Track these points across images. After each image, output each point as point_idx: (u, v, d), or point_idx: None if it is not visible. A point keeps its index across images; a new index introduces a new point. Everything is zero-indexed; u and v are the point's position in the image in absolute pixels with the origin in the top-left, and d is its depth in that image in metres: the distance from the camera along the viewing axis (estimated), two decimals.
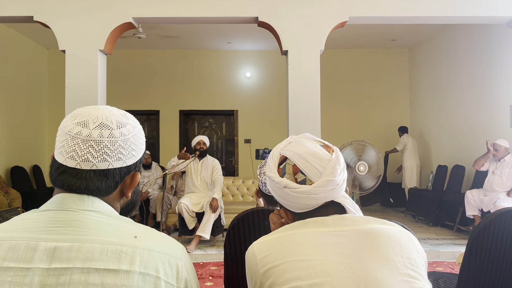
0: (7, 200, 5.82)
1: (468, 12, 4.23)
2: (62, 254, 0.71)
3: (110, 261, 0.72)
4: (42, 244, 0.72)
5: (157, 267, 0.75)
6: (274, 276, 0.84)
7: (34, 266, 0.70)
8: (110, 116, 0.84)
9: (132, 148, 0.84)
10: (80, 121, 0.81)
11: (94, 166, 0.80)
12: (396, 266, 0.84)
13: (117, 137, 0.82)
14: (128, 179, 0.87)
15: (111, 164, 0.81)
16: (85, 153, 0.79)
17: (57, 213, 0.77)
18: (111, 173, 0.82)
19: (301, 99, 4.26)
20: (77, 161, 0.79)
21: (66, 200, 0.79)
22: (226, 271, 1.82)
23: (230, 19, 4.30)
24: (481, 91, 5.99)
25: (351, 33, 7.14)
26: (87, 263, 0.71)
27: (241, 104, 8.40)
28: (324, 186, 0.93)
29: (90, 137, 0.80)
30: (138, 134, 0.87)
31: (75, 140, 0.80)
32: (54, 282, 0.69)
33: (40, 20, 4.15)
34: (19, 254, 0.71)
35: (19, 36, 7.17)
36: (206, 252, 4.75)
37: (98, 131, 0.80)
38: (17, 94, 7.12)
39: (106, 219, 0.79)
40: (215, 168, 5.11)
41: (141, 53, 8.31)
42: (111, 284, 0.70)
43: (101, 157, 0.80)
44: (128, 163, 0.84)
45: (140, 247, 0.75)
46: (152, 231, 0.82)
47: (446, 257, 4.58)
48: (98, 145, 0.80)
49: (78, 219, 0.77)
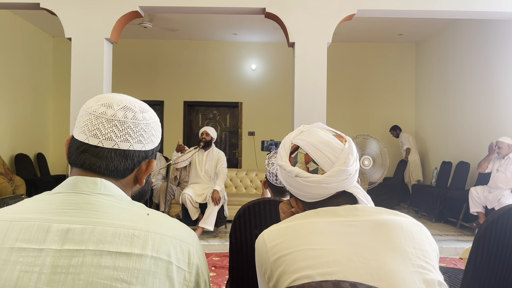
0: (12, 187, 5.85)
1: (478, 7, 4.18)
2: (74, 236, 0.71)
3: (123, 244, 0.72)
4: (55, 226, 0.72)
5: (169, 251, 0.75)
6: (285, 265, 0.83)
7: (46, 247, 0.70)
8: (133, 101, 0.86)
9: (152, 133, 0.86)
10: (104, 102, 0.83)
11: (116, 145, 0.81)
12: (409, 257, 0.83)
13: (140, 119, 0.84)
14: (144, 165, 0.88)
15: (132, 146, 0.83)
16: (109, 131, 0.81)
17: (70, 195, 0.78)
18: (131, 155, 0.83)
19: (307, 92, 4.24)
20: (100, 139, 0.80)
21: (79, 183, 0.79)
22: (231, 261, 1.82)
23: (238, 9, 4.27)
24: (488, 87, 5.94)
25: (358, 26, 7.09)
26: (99, 246, 0.71)
27: (245, 96, 8.37)
28: (336, 175, 0.92)
29: (115, 117, 0.81)
30: (157, 122, 0.90)
31: (100, 119, 0.81)
32: (66, 263, 0.69)
33: (46, 7, 4.13)
34: (32, 235, 0.71)
35: (25, 23, 7.15)
36: (209, 243, 4.76)
37: (122, 112, 0.82)
38: (22, 81, 7.12)
39: (118, 203, 0.79)
40: (220, 160, 5.10)
41: (147, 43, 8.28)
42: (123, 267, 0.70)
43: (124, 137, 0.81)
44: (147, 148, 0.86)
45: (152, 232, 0.75)
46: (164, 216, 0.82)
47: (449, 253, 4.58)
48: (122, 125, 0.81)
49: (91, 202, 0.77)
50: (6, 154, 6.63)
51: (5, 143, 6.65)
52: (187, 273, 0.76)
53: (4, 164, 6.13)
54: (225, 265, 4.15)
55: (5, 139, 6.62)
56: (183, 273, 0.76)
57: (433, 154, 7.54)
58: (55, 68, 8.20)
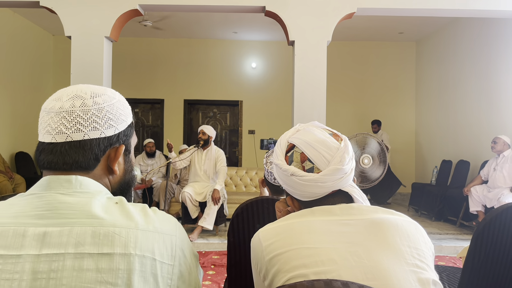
0: (12, 185, 5.86)
1: (478, 6, 4.17)
2: (52, 239, 0.68)
3: (104, 245, 0.69)
4: (31, 230, 0.69)
5: (152, 248, 0.72)
6: (280, 264, 0.83)
7: (24, 253, 0.67)
8: (85, 89, 0.81)
9: (109, 117, 0.80)
10: (55, 97, 0.80)
11: (69, 137, 0.77)
12: (404, 256, 0.83)
13: (89, 105, 0.78)
14: (112, 153, 0.82)
15: (87, 134, 0.78)
16: (58, 125, 0.77)
17: (44, 196, 0.74)
18: (88, 144, 0.78)
19: (307, 91, 4.23)
20: (52, 135, 0.77)
21: (52, 183, 0.76)
22: (229, 259, 1.83)
23: (237, 8, 4.26)
24: (488, 86, 5.93)
25: (358, 25, 7.08)
26: (79, 248, 0.68)
27: (246, 94, 8.37)
28: (332, 174, 0.91)
29: (62, 109, 0.77)
30: (117, 104, 0.83)
31: (49, 115, 0.78)
32: (46, 268, 0.67)
33: (46, 5, 4.13)
34: (8, 241, 0.68)
35: (24, 21, 7.15)
36: (208, 241, 4.76)
37: (70, 102, 0.78)
38: (22, 80, 7.13)
39: (96, 200, 0.75)
40: (219, 159, 5.09)
41: (147, 41, 8.28)
42: (107, 269, 0.68)
43: (75, 127, 0.77)
44: (107, 134, 0.80)
45: (134, 228, 0.72)
46: (144, 209, 0.78)
47: (448, 252, 4.58)
48: (70, 115, 0.77)
49: (67, 202, 0.73)
50: (6, 152, 6.64)
51: (6, 141, 6.65)
52: (169, 266, 0.74)
53: (4, 162, 6.14)
54: (225, 263, 4.15)
55: (5, 137, 6.63)
56: (166, 267, 0.73)
57: (433, 153, 7.53)
58: (55, 66, 8.20)
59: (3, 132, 6.54)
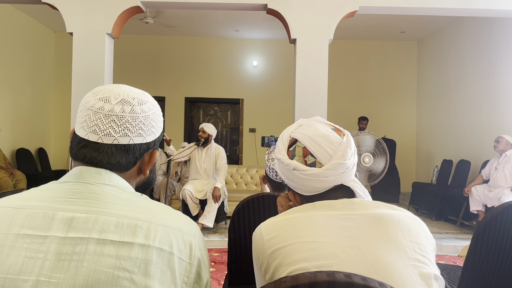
0: (12, 181, 5.86)
1: (480, 5, 4.17)
2: (78, 224, 0.72)
3: (125, 234, 0.73)
4: (60, 214, 0.73)
5: (171, 242, 0.76)
6: (281, 257, 0.83)
7: (51, 234, 0.71)
8: (131, 93, 0.85)
9: (152, 125, 0.86)
10: (102, 96, 0.83)
11: (116, 140, 0.81)
12: (405, 251, 0.83)
13: (138, 113, 0.83)
14: (147, 157, 0.88)
15: (132, 140, 0.83)
16: (107, 127, 0.81)
17: (75, 185, 0.79)
18: (132, 148, 0.84)
19: (308, 89, 4.23)
20: (99, 135, 0.81)
21: (84, 173, 0.80)
22: (230, 255, 1.83)
23: (239, 5, 4.26)
24: (490, 86, 5.93)
25: (360, 23, 7.08)
26: (102, 235, 0.72)
27: (247, 93, 8.37)
28: (334, 169, 0.92)
29: (112, 112, 0.81)
30: (157, 112, 0.89)
31: (98, 115, 0.81)
32: (70, 250, 0.70)
33: (48, 2, 4.13)
34: (37, 222, 0.72)
35: (26, 18, 7.15)
36: (209, 238, 4.77)
37: (120, 106, 0.82)
38: (24, 76, 7.13)
39: (122, 194, 0.80)
40: (219, 156, 5.09)
41: (148, 39, 8.28)
42: (125, 256, 0.71)
43: (123, 132, 0.82)
44: (147, 140, 0.86)
45: (155, 222, 0.76)
46: (167, 208, 0.83)
47: (449, 251, 4.58)
48: (120, 120, 0.81)
49: (95, 192, 0.78)
50: (7, 148, 6.64)
51: (7, 137, 6.66)
52: (188, 264, 0.77)
53: (5, 158, 6.14)
54: (225, 260, 4.16)
55: (6, 134, 6.63)
56: (184, 264, 0.77)
57: (434, 152, 7.53)
58: (56, 63, 8.20)
59: (4, 128, 6.54)
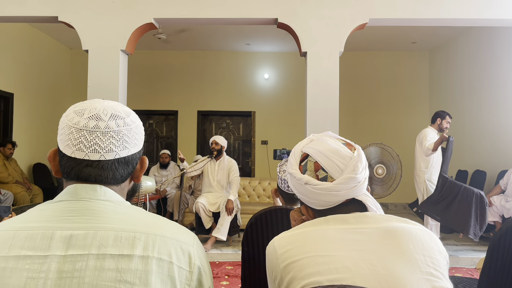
0: (29, 196, 5.96)
1: (491, 15, 4.15)
2: (77, 242, 0.74)
3: (124, 247, 0.74)
4: (58, 233, 0.75)
5: (169, 252, 0.77)
6: (295, 271, 0.85)
7: (51, 254, 0.73)
8: (115, 107, 0.87)
9: (141, 133, 0.90)
10: (90, 115, 0.83)
11: (117, 155, 0.83)
12: (418, 264, 0.84)
13: (130, 124, 0.86)
14: (139, 164, 0.90)
15: (130, 151, 0.85)
16: (108, 144, 0.82)
17: (72, 203, 0.80)
18: (130, 159, 0.86)
19: (320, 101, 4.25)
20: (101, 153, 0.82)
21: (79, 191, 0.82)
22: (244, 269, 1.84)
23: (250, 20, 4.32)
24: (503, 95, 5.86)
25: (371, 35, 7.09)
26: (102, 249, 0.73)
27: (258, 105, 8.42)
28: (345, 183, 0.93)
29: (108, 128, 0.82)
30: (137, 117, 0.91)
31: (95, 134, 0.82)
32: (71, 268, 0.72)
33: (64, 20, 4.25)
34: (36, 243, 0.73)
35: (43, 36, 7.34)
36: (222, 251, 4.77)
37: (113, 121, 0.83)
38: (40, 93, 7.30)
39: (118, 208, 0.81)
40: (232, 169, 5.12)
41: (161, 54, 8.42)
42: (126, 269, 0.72)
43: (122, 145, 0.84)
44: (139, 148, 0.89)
45: (153, 234, 0.78)
46: (164, 219, 0.84)
47: (466, 263, 4.50)
48: (118, 135, 0.83)
49: (92, 208, 0.79)
50: (24, 163, 6.77)
51: (24, 153, 6.80)
52: (188, 272, 0.78)
53: (22, 173, 6.26)
54: (238, 274, 4.15)
55: (24, 149, 6.77)
56: (185, 273, 0.78)
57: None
58: (72, 79, 8.38)
59: (21, 143, 6.68)
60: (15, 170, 6.07)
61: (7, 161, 5.94)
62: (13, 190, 5.71)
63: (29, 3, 4.22)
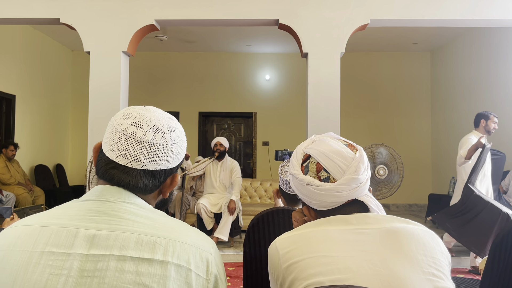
0: (31, 197, 5.98)
1: (492, 15, 4.15)
2: (100, 242, 0.75)
3: (145, 251, 0.75)
4: (82, 232, 0.76)
5: (188, 259, 0.78)
6: (297, 271, 0.85)
7: (74, 252, 0.74)
8: (162, 120, 0.88)
9: (178, 152, 0.89)
10: (134, 121, 0.85)
11: (145, 166, 0.84)
12: (420, 265, 0.84)
13: (168, 141, 0.86)
14: (169, 180, 0.91)
15: (159, 166, 0.86)
16: (138, 153, 0.83)
17: (97, 203, 0.82)
18: (158, 173, 0.87)
19: (321, 102, 4.25)
20: (129, 160, 0.84)
21: (105, 192, 0.83)
22: (246, 270, 1.84)
23: (251, 21, 4.33)
24: (505, 95, 5.86)
25: (372, 36, 7.09)
26: (123, 251, 0.74)
27: (260, 106, 8.43)
28: (347, 184, 0.93)
29: (144, 138, 0.84)
30: (184, 138, 0.92)
31: (129, 140, 0.84)
32: (92, 267, 0.73)
33: (66, 22, 4.26)
34: (61, 240, 0.75)
35: (44, 37, 7.36)
36: (224, 252, 4.77)
37: (151, 133, 0.85)
38: (42, 94, 7.31)
39: (141, 211, 0.82)
40: (234, 170, 5.14)
41: (162, 55, 8.43)
42: (145, 273, 0.73)
43: (152, 158, 0.84)
44: (172, 165, 0.89)
45: (173, 239, 0.78)
46: (185, 225, 0.85)
47: (468, 264, 4.49)
48: (151, 147, 0.84)
49: (116, 210, 0.81)
50: (26, 165, 6.79)
51: (26, 154, 6.81)
52: (205, 280, 0.79)
53: (24, 175, 6.28)
54: (240, 275, 4.15)
55: (25, 151, 6.78)
56: (202, 281, 0.78)
57: (450, 163, 7.42)
58: (74, 81, 8.40)
59: (23, 145, 6.69)
60: (17, 171, 6.08)
61: (9, 163, 5.96)
62: (15, 191, 5.73)
63: (31, 5, 4.24)
